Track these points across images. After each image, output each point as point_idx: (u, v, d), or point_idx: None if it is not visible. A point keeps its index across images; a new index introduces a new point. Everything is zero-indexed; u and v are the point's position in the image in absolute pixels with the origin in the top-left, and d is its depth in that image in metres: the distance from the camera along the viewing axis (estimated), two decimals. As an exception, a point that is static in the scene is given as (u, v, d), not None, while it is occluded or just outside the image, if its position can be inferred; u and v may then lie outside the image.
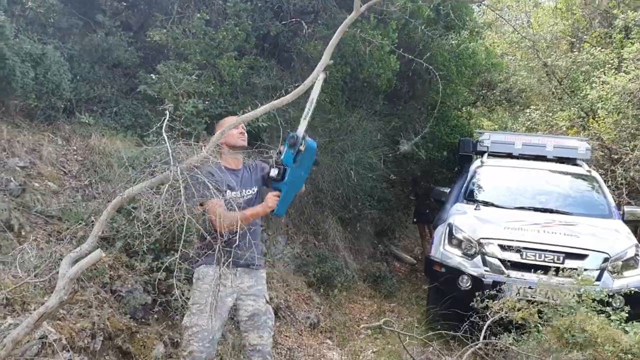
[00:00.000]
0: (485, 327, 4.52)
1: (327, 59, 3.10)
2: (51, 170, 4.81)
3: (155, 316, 4.36)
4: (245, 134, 3.65)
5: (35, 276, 3.03)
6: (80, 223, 4.11)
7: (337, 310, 6.73)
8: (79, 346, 3.44)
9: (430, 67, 6.21)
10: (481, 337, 4.46)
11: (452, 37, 9.94)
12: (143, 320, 4.21)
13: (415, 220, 11.30)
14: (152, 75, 6.35)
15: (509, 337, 4.48)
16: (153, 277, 4.19)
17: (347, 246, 8.58)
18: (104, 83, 6.28)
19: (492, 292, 4.92)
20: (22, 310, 3.25)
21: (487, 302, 4.67)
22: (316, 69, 3.12)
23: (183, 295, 3.92)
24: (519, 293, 5.16)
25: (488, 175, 7.48)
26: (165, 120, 2.83)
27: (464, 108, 12.53)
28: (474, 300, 4.77)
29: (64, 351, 3.25)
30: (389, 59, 7.47)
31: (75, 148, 5.30)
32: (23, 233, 3.94)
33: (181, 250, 2.62)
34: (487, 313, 4.61)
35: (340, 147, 7.65)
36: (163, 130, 2.69)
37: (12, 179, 4.32)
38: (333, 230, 8.05)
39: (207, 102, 6.49)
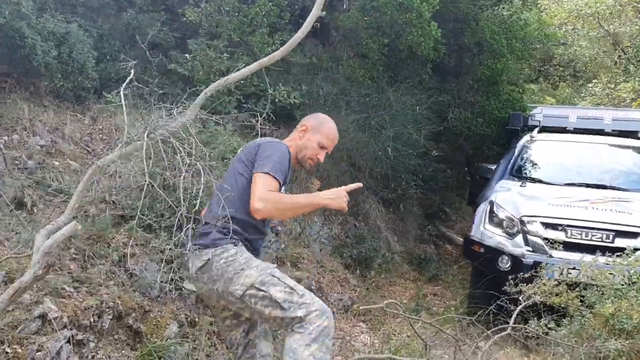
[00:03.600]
0: (515, 313, 4.18)
1: (318, 12, 2.85)
2: (74, 149, 4.80)
3: (173, 295, 4.27)
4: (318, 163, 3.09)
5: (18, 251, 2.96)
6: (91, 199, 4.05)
7: (374, 293, 6.48)
8: (84, 324, 3.37)
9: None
10: (511, 322, 4.12)
11: (503, 7, 9.38)
12: (159, 299, 4.13)
13: (468, 201, 10.86)
14: (186, 55, 6.29)
15: (539, 323, 4.10)
16: (168, 254, 4.09)
17: (391, 227, 8.27)
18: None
19: (530, 274, 4.52)
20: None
21: (521, 286, 4.31)
22: (306, 21, 2.89)
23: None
24: (561, 274, 4.75)
25: (538, 151, 7.00)
26: (129, 80, 2.64)
27: (517, 83, 11.85)
28: (507, 284, 4.43)
29: (65, 329, 3.18)
30: (430, 27, 7.06)
31: (100, 127, 5.27)
32: (35, 210, 3.91)
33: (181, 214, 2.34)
34: (520, 297, 4.25)
35: (377, 123, 7.30)
36: (122, 93, 2.52)
37: (30, 157, 4.32)
38: (374, 210, 7.77)
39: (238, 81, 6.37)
